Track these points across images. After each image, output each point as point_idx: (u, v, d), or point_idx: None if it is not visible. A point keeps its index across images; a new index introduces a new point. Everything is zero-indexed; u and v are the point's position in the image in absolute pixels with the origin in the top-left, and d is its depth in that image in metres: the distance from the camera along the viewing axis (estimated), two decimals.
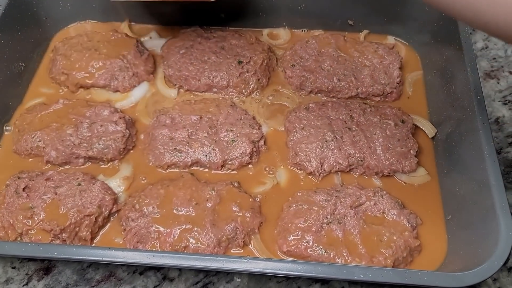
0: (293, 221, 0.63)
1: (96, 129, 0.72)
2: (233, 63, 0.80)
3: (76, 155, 0.70)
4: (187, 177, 0.68)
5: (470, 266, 0.52)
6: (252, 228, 0.64)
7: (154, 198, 0.65)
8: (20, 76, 0.80)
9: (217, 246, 0.62)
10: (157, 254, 0.53)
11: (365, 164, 0.70)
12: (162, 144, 0.71)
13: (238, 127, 0.73)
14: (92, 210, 0.63)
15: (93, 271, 0.64)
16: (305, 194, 0.66)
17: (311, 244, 0.61)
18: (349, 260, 0.60)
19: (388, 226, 0.63)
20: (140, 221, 0.63)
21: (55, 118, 0.73)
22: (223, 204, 0.65)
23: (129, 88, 0.80)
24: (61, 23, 0.89)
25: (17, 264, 0.65)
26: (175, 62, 0.80)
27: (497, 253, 0.52)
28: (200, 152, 0.71)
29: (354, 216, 0.63)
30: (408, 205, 0.67)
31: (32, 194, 0.64)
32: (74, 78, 0.79)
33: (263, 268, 0.52)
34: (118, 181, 0.70)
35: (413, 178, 0.70)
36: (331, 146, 0.70)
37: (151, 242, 0.62)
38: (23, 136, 0.71)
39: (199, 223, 0.63)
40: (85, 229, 0.63)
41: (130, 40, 0.84)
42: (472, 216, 0.60)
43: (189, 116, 0.74)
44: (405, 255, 0.61)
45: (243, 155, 0.71)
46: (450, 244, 0.63)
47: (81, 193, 0.65)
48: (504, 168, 0.75)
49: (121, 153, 0.72)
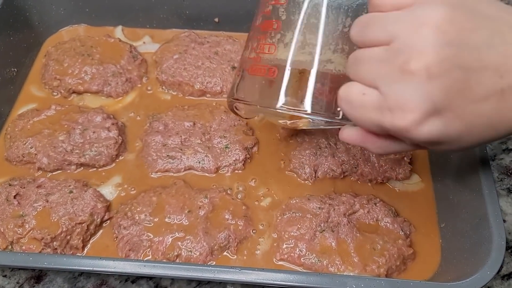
0: (286, 229, 0.63)
1: (89, 136, 0.71)
2: (226, 68, 0.79)
3: (68, 162, 0.70)
4: (179, 184, 0.67)
5: (463, 276, 0.52)
6: (245, 236, 0.64)
7: (147, 206, 0.65)
8: (12, 81, 0.80)
9: (209, 254, 0.61)
10: (148, 264, 0.53)
11: (358, 171, 0.70)
12: (155, 150, 0.71)
13: (232, 134, 0.72)
14: (84, 218, 0.63)
15: (84, 279, 0.64)
16: (298, 202, 0.66)
17: (304, 253, 0.61)
18: (342, 269, 0.59)
19: (382, 234, 0.63)
20: (132, 229, 0.63)
21: (47, 124, 0.73)
22: (216, 212, 0.64)
23: (122, 94, 0.80)
24: (54, 28, 0.88)
25: (8, 273, 0.65)
26: (168, 68, 0.80)
27: (490, 263, 0.52)
28: (193, 159, 0.70)
29: (347, 224, 0.63)
30: (402, 212, 0.67)
31: (23, 202, 0.64)
32: (67, 83, 0.78)
33: (255, 278, 0.51)
34: (110, 188, 0.69)
35: (407, 185, 0.70)
36: (325, 153, 0.70)
37: (143, 251, 0.62)
38: (14, 143, 0.71)
39: (192, 231, 0.62)
40: (77, 237, 0.62)
41: (124, 45, 0.83)
42: (465, 224, 0.60)
43: (183, 122, 0.73)
44: (398, 264, 0.61)
45: (237, 162, 0.70)
46: (444, 253, 0.63)
47: (72, 200, 0.64)
48: (498, 175, 0.75)
49: (113, 159, 0.71)
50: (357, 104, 0.41)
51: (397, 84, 0.38)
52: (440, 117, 0.38)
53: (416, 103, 0.37)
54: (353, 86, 0.42)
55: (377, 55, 0.40)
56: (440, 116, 0.38)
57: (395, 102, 0.38)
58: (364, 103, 0.41)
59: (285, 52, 0.51)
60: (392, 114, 0.39)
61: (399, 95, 0.38)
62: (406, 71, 0.37)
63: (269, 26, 0.53)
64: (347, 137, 0.48)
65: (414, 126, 0.38)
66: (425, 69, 0.37)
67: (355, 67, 0.42)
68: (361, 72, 0.41)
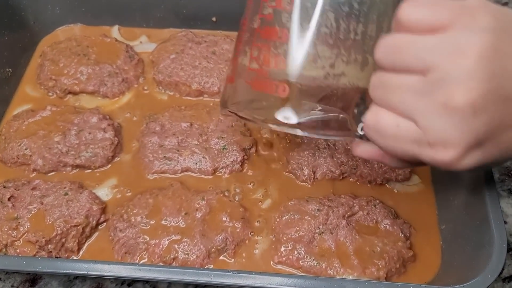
0: (285, 232, 0.62)
1: (84, 137, 0.70)
2: (224, 68, 0.78)
3: (63, 163, 0.69)
4: (176, 186, 0.66)
5: (464, 279, 0.51)
6: (242, 239, 0.63)
7: (143, 208, 0.64)
8: (7, 81, 0.79)
9: (206, 257, 0.60)
10: (144, 268, 0.52)
11: (358, 172, 0.69)
12: (151, 152, 0.70)
13: (229, 135, 0.72)
14: (79, 220, 0.62)
15: (80, 282, 0.63)
16: (296, 204, 0.65)
17: (302, 255, 0.60)
18: (341, 272, 0.59)
19: (381, 237, 0.62)
20: (128, 231, 0.62)
21: (43, 125, 0.72)
22: (213, 214, 0.64)
23: (118, 94, 0.79)
24: (49, 27, 0.87)
25: (2, 276, 0.64)
26: (165, 68, 0.79)
27: (491, 266, 0.51)
28: (190, 160, 0.69)
29: (346, 226, 0.62)
30: (402, 214, 0.66)
31: (18, 204, 0.63)
32: (63, 84, 0.77)
33: (252, 282, 0.50)
34: (106, 190, 0.68)
35: (406, 186, 0.69)
36: (324, 154, 0.69)
37: (140, 253, 0.61)
38: (9, 144, 0.70)
39: (189, 234, 0.61)
40: (72, 240, 0.61)
41: (120, 45, 0.83)
42: (466, 226, 0.59)
43: (179, 123, 0.73)
44: (398, 266, 0.60)
45: (234, 163, 0.69)
46: (444, 255, 0.62)
47: (68, 202, 0.63)
48: (499, 175, 0.74)
49: (109, 160, 0.70)
50: (390, 134, 0.39)
51: (439, 119, 0.36)
52: (480, 148, 0.37)
53: (460, 139, 0.36)
54: (383, 115, 0.39)
55: (412, 85, 0.37)
56: (480, 147, 0.37)
57: (436, 137, 0.36)
58: (398, 136, 0.38)
59: (295, 67, 0.46)
60: (432, 149, 0.37)
61: (441, 130, 0.36)
62: (449, 106, 0.35)
63: (273, 34, 0.47)
64: (362, 153, 0.45)
65: (456, 161, 0.37)
66: (471, 105, 0.34)
67: (382, 92, 0.39)
68: (392, 100, 0.38)
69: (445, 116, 0.35)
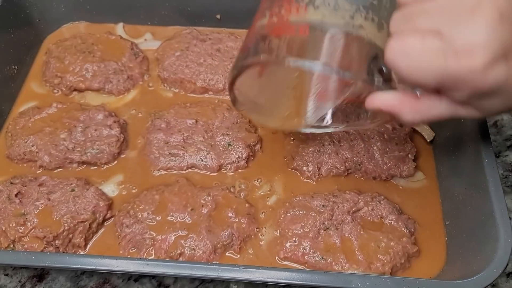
0: (290, 227, 0.62)
1: (90, 134, 0.71)
2: (228, 65, 0.79)
3: (69, 160, 0.69)
4: (182, 182, 0.67)
5: (469, 274, 0.51)
6: (248, 234, 0.63)
7: (149, 204, 0.64)
8: (13, 79, 0.79)
9: (212, 252, 0.61)
10: (151, 263, 0.52)
11: (362, 169, 0.69)
12: (157, 148, 0.70)
13: (234, 131, 0.72)
14: (86, 216, 0.62)
15: (87, 278, 0.63)
16: (302, 200, 0.65)
17: (308, 251, 0.61)
18: (346, 267, 0.59)
19: (386, 232, 0.62)
20: (134, 227, 0.62)
21: (49, 122, 0.72)
22: (219, 210, 0.64)
23: (123, 91, 0.79)
24: (54, 25, 0.88)
25: (10, 271, 0.64)
26: (170, 65, 0.79)
27: (496, 261, 0.51)
28: (195, 156, 0.70)
29: (351, 222, 0.62)
30: (406, 210, 0.66)
31: (25, 200, 0.63)
32: (68, 81, 0.78)
33: (258, 277, 0.51)
34: (112, 186, 0.69)
35: (411, 182, 0.69)
36: (328, 151, 0.70)
37: (146, 249, 0.61)
38: (16, 141, 0.70)
39: (195, 230, 0.62)
40: (79, 235, 0.62)
41: (125, 43, 0.83)
42: (471, 222, 0.59)
43: (185, 120, 0.73)
44: (403, 262, 0.60)
45: (240, 160, 0.70)
46: (449, 250, 0.62)
47: (74, 199, 0.64)
48: (503, 172, 0.74)
49: (115, 157, 0.71)
50: (417, 52, 0.38)
51: (465, 26, 0.36)
52: (506, 61, 0.37)
53: (486, 45, 0.36)
54: (408, 36, 0.39)
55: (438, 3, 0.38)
56: (506, 60, 0.37)
57: (463, 44, 0.36)
58: (424, 50, 0.38)
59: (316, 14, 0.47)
60: (458, 57, 0.36)
61: (468, 37, 0.36)
62: (476, 13, 0.36)
63: None
64: (381, 102, 0.44)
65: (483, 69, 0.36)
66: (498, 11, 0.35)
67: (405, 20, 0.39)
68: (417, 22, 0.39)
69: (472, 22, 0.36)
